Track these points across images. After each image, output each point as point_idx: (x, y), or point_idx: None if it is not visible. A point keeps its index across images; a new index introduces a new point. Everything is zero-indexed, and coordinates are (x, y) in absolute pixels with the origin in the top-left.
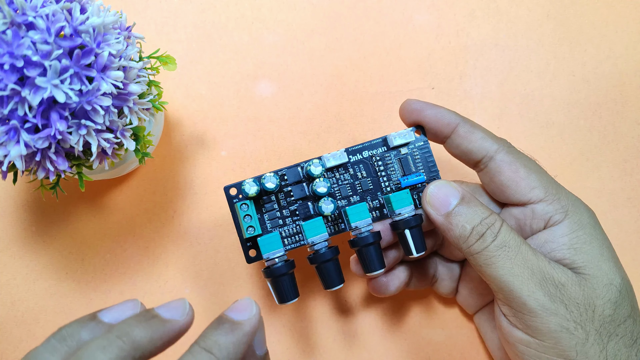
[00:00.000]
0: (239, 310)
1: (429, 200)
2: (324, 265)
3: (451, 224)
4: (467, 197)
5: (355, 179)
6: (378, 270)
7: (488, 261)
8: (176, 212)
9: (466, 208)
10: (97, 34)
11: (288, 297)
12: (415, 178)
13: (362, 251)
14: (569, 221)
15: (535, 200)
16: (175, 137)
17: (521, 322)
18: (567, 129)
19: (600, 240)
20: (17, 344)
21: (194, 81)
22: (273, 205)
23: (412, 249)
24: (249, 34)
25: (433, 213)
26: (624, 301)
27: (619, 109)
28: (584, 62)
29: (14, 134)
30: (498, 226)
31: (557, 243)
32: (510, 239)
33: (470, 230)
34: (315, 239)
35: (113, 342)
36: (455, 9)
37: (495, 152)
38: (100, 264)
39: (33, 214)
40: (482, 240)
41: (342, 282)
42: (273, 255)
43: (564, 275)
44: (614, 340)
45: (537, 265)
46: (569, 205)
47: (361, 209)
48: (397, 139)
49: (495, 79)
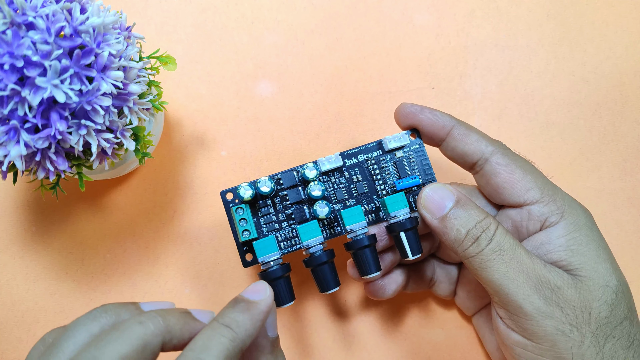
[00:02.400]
0: (254, 292)
1: (424, 203)
2: (319, 269)
3: (446, 228)
4: (462, 199)
5: (351, 183)
6: (374, 273)
7: (483, 265)
8: (176, 212)
9: (461, 211)
10: (97, 34)
11: (284, 300)
12: (410, 181)
13: (357, 254)
14: (565, 222)
15: (531, 202)
16: (175, 137)
17: (517, 325)
18: (567, 129)
19: (597, 241)
20: (17, 344)
21: (194, 81)
22: (269, 209)
23: (408, 251)
24: (249, 34)
25: (428, 216)
26: (621, 303)
27: (619, 109)
28: (584, 62)
29: (14, 134)
30: (493, 229)
31: (554, 244)
32: (505, 242)
33: (465, 233)
34: (311, 242)
35: (151, 318)
36: (455, 9)
37: (490, 154)
38: (100, 264)
39: (33, 214)
40: (477, 243)
41: (337, 285)
42: (268, 258)
43: (559, 278)
44: (610, 342)
45: (532, 268)
46: (565, 206)
47: (356, 212)
48: (392, 142)
49: (495, 79)
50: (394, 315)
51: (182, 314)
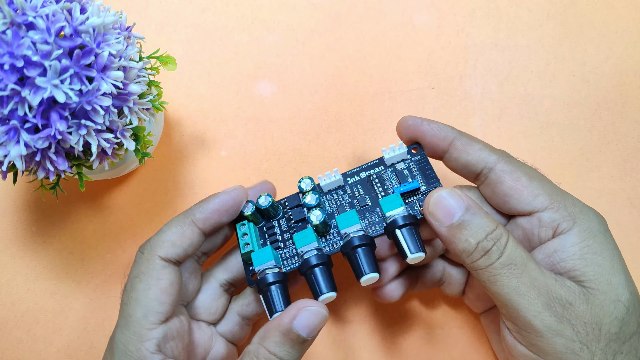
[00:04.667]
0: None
1: (431, 210)
2: (310, 272)
3: (454, 237)
4: (472, 207)
5: (353, 198)
6: (367, 274)
7: (493, 278)
8: (176, 212)
9: (471, 220)
10: (97, 34)
11: (276, 307)
12: (410, 185)
13: (349, 255)
14: (578, 229)
15: (540, 209)
16: (175, 137)
17: (526, 339)
18: (567, 129)
19: (611, 250)
20: (17, 344)
21: (194, 81)
22: (274, 230)
23: (406, 249)
24: (249, 34)
25: (435, 224)
26: (631, 318)
27: (619, 109)
28: (584, 62)
29: (14, 134)
30: (504, 241)
31: (567, 252)
32: (516, 256)
33: (475, 245)
34: (305, 248)
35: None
36: (455, 9)
37: (494, 162)
38: (100, 264)
39: (33, 214)
40: (487, 256)
41: (332, 290)
42: (264, 267)
43: (571, 293)
44: (619, 358)
45: (543, 283)
46: (576, 212)
47: (350, 216)
48: (389, 154)
49: (495, 79)
50: (393, 315)
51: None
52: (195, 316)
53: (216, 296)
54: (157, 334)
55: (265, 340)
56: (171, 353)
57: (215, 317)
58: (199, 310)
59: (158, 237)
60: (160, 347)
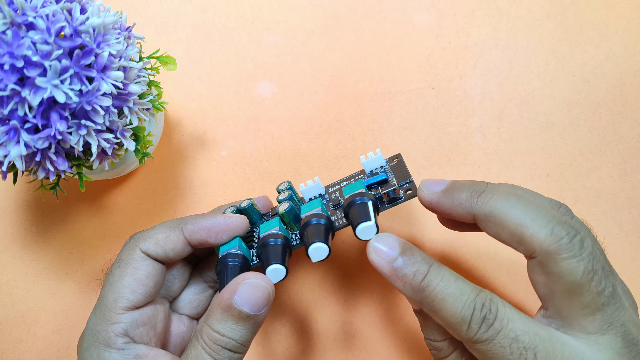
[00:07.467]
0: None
1: (374, 261)
2: (264, 249)
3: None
4: (433, 265)
5: (330, 201)
6: (316, 242)
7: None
8: (176, 212)
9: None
10: (97, 34)
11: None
12: (376, 177)
13: (302, 231)
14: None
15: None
16: (175, 137)
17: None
18: (567, 129)
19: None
20: (17, 344)
21: (194, 81)
22: (252, 234)
23: (353, 221)
24: (249, 34)
25: (400, 287)
26: None
27: (619, 109)
28: (584, 62)
29: (14, 134)
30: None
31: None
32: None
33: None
34: (266, 233)
35: None
36: (455, 9)
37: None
38: (100, 264)
39: (33, 214)
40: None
41: (280, 263)
42: (227, 251)
43: None
44: None
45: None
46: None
47: (314, 204)
48: (370, 164)
49: (495, 79)
50: (393, 314)
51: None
52: (178, 310)
53: (199, 290)
54: (126, 319)
55: (208, 318)
56: (140, 339)
57: (198, 312)
58: (182, 304)
59: (147, 232)
60: (127, 332)
